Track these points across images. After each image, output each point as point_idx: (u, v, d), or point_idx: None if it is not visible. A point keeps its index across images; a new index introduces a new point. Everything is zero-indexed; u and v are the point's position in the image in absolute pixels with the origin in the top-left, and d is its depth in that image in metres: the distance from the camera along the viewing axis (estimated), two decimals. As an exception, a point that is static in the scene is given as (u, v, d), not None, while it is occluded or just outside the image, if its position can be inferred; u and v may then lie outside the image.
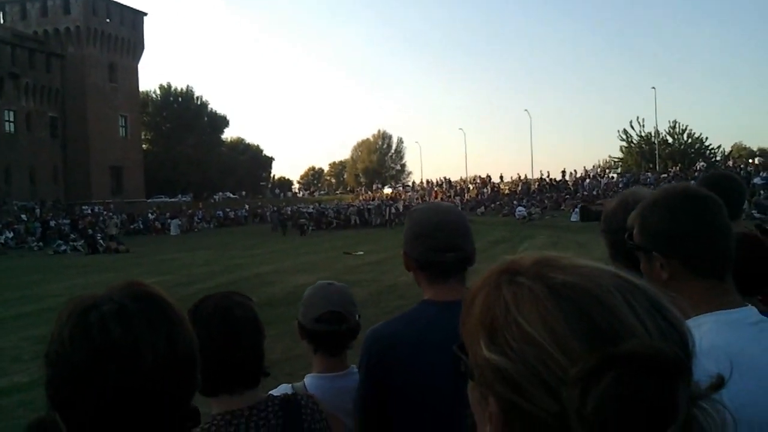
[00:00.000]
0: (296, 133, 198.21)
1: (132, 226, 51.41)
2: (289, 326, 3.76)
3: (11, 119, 57.35)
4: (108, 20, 64.97)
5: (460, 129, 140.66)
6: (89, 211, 53.10)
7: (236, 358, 1.86)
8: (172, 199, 70.33)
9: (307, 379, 2.39)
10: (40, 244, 40.13)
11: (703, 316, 1.55)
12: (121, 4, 67.44)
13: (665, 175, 56.11)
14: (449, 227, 2.06)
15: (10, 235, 41.21)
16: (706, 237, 1.62)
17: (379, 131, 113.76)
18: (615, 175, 62.18)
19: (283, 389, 2.25)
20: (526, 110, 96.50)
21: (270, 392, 2.06)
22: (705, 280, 1.61)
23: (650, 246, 1.67)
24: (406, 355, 1.97)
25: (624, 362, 0.62)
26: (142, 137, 77.68)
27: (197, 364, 1.15)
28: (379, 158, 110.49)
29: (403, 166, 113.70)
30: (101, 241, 36.06)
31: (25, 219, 45.96)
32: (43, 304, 15.99)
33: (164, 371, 1.06)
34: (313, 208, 53.54)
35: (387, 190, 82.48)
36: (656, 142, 66.14)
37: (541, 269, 0.73)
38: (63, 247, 36.47)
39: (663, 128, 68.30)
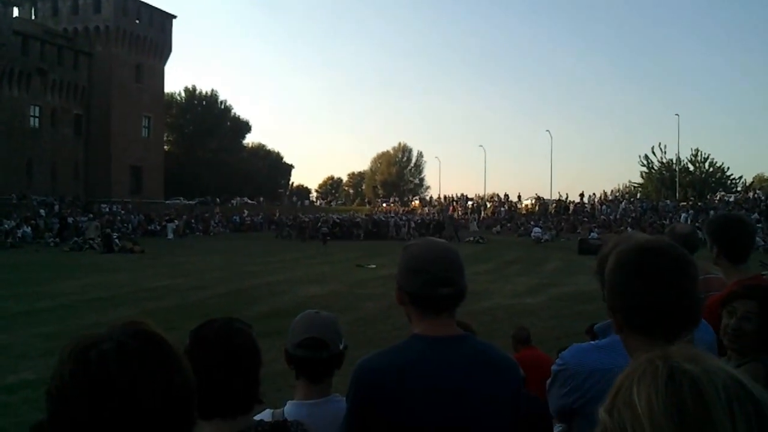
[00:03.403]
0: (317, 142, 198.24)
1: (149, 227, 51.59)
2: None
3: (36, 114, 57.95)
4: (137, 21, 65.54)
5: (481, 146, 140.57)
6: (108, 210, 53.41)
7: (233, 384, 1.89)
8: (190, 201, 70.53)
9: (287, 406, 2.41)
10: (57, 240, 40.34)
11: None
12: (152, 6, 68.00)
13: (684, 203, 55.79)
14: (446, 262, 2.04)
15: (28, 229, 41.49)
16: (642, 292, 1.59)
17: (399, 144, 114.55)
18: (633, 200, 61.81)
19: (264, 415, 2.26)
20: (547, 131, 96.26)
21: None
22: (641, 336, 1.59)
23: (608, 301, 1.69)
24: (392, 390, 1.95)
25: None
26: (165, 138, 78.15)
27: (194, 402, 1.16)
28: (398, 171, 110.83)
29: (422, 180, 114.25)
30: (117, 240, 36.22)
31: (44, 214, 46.27)
32: (56, 302, 16.06)
33: (162, 409, 1.07)
34: (338, 218, 53.69)
35: (415, 203, 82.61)
36: (677, 169, 65.80)
37: (679, 354, 0.83)
38: (79, 245, 36.65)
39: (685, 156, 68.13)
